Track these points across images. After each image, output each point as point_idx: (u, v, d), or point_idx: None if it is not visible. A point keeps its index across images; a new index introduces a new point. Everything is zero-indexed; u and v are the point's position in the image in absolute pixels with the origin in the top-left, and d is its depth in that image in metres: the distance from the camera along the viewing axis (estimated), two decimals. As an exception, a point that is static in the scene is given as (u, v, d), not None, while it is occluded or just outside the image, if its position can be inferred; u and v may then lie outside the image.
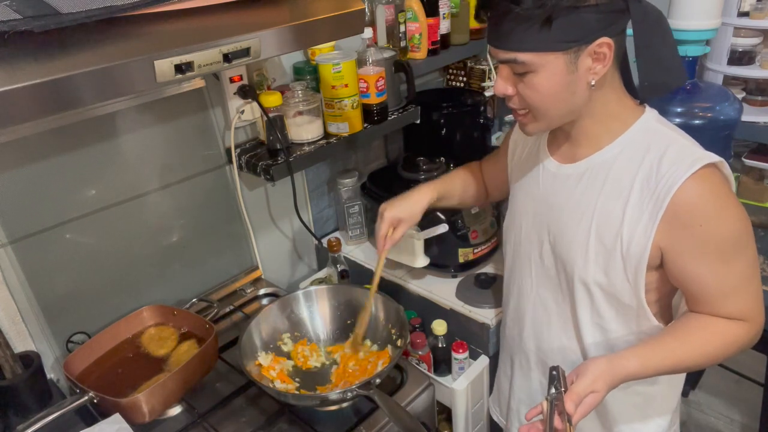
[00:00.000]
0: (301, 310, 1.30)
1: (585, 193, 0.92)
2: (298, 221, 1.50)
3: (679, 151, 0.84)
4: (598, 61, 0.82)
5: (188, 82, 1.23)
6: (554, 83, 0.83)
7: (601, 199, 0.89)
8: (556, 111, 0.88)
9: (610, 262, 0.90)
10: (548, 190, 0.99)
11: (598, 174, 0.90)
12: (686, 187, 0.81)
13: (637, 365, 0.86)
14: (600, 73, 0.83)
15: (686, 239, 0.84)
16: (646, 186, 0.85)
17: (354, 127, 1.40)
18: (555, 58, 0.81)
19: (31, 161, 1.10)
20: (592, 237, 0.90)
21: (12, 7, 0.66)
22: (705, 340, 0.88)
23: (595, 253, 0.91)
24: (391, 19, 1.55)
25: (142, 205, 1.29)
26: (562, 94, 0.85)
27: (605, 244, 0.89)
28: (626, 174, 0.87)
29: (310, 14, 0.96)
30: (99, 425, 0.99)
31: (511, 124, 1.96)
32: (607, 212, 0.89)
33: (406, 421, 0.98)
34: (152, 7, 0.76)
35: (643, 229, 0.85)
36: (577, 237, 0.93)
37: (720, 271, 0.86)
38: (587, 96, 0.86)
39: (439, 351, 1.35)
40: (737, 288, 0.87)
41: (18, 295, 1.15)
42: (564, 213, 0.95)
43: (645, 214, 0.85)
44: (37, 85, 0.68)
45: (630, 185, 0.86)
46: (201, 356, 1.13)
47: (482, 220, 1.44)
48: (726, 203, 0.84)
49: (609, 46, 0.80)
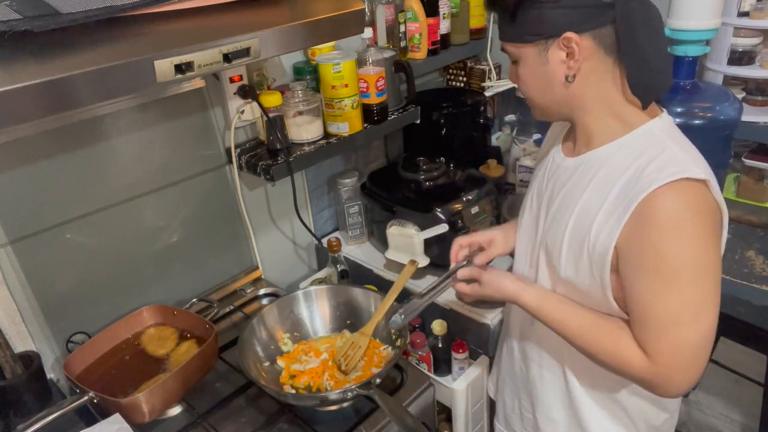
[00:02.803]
0: (301, 310, 1.30)
1: (574, 187, 0.92)
2: (298, 221, 1.50)
3: (668, 160, 0.81)
4: (570, 56, 0.83)
5: (188, 82, 1.23)
6: (530, 74, 0.88)
7: (584, 196, 0.89)
8: (540, 100, 0.91)
9: (579, 259, 0.89)
10: (549, 181, 0.99)
11: (588, 170, 0.90)
12: (657, 193, 0.78)
13: (531, 300, 0.95)
14: (574, 69, 0.84)
15: (636, 245, 0.81)
16: (625, 188, 0.83)
17: (354, 127, 1.40)
18: (527, 50, 0.86)
19: (31, 161, 1.10)
20: (568, 232, 0.90)
21: (12, 7, 0.66)
22: (600, 334, 0.87)
23: (567, 248, 0.91)
24: (391, 19, 1.55)
25: (142, 205, 1.29)
26: (539, 84, 0.89)
27: (576, 241, 0.89)
28: (612, 175, 0.86)
29: (310, 14, 0.96)
30: (99, 425, 0.99)
31: (511, 124, 1.96)
32: (585, 209, 0.88)
33: (407, 421, 0.98)
34: (152, 7, 0.76)
35: (609, 229, 0.83)
36: (558, 231, 0.93)
37: (648, 293, 0.81)
38: (569, 89, 0.87)
39: (439, 351, 1.35)
40: (659, 323, 0.81)
41: (18, 295, 1.15)
42: (554, 204, 0.96)
43: (615, 214, 0.83)
44: (37, 85, 0.68)
45: (612, 186, 0.85)
46: (201, 356, 1.13)
47: (482, 220, 1.44)
48: (690, 225, 0.78)
49: (576, 42, 0.81)
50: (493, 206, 1.47)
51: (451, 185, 1.50)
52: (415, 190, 1.51)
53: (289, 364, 1.20)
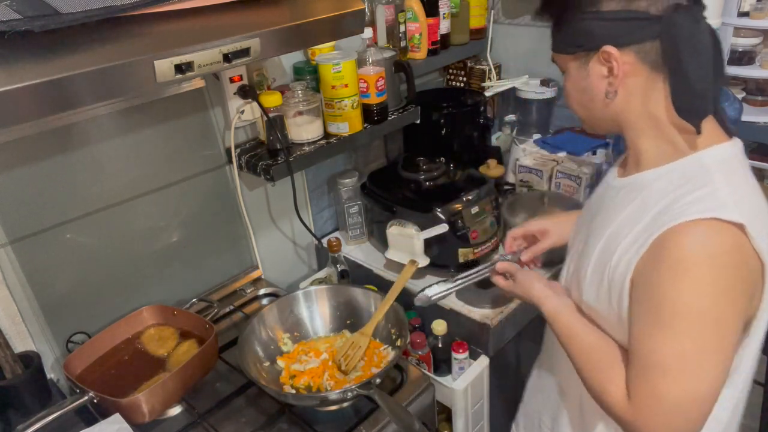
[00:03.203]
0: (301, 310, 1.30)
1: (613, 209, 0.86)
2: (298, 221, 1.50)
3: (705, 195, 0.73)
4: (610, 71, 0.78)
5: (188, 82, 1.23)
6: (573, 87, 0.85)
7: (618, 219, 0.83)
8: (583, 114, 0.88)
9: (600, 285, 0.84)
10: (598, 199, 0.95)
11: (629, 194, 0.84)
12: (679, 228, 0.72)
13: (553, 308, 0.93)
14: (615, 85, 0.79)
15: (645, 279, 0.75)
16: (656, 218, 0.76)
17: (354, 127, 1.40)
18: (569, 62, 0.83)
19: (31, 161, 1.10)
20: (595, 255, 0.86)
21: (12, 7, 0.66)
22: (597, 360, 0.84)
23: (592, 272, 0.86)
24: (391, 19, 1.55)
25: (142, 205, 1.29)
26: (581, 98, 0.85)
27: (600, 266, 0.84)
28: (650, 202, 0.79)
29: (310, 14, 0.96)
30: (99, 425, 0.99)
31: (511, 124, 1.96)
32: (615, 234, 0.82)
33: (406, 421, 0.98)
34: (152, 7, 0.76)
35: (628, 259, 0.78)
36: (589, 251, 0.88)
37: (643, 331, 0.76)
38: (612, 106, 0.81)
39: (439, 351, 1.35)
40: (645, 364, 0.75)
41: (18, 295, 1.15)
42: (593, 224, 0.91)
43: (636, 244, 0.77)
44: (37, 85, 0.69)
45: (646, 213, 0.78)
46: (201, 356, 1.13)
47: (482, 220, 1.44)
48: (703, 270, 0.70)
49: (615, 57, 0.76)
50: (493, 206, 1.47)
51: (451, 185, 1.50)
52: (415, 190, 1.51)
53: (289, 364, 1.20)
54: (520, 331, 1.43)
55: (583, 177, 1.58)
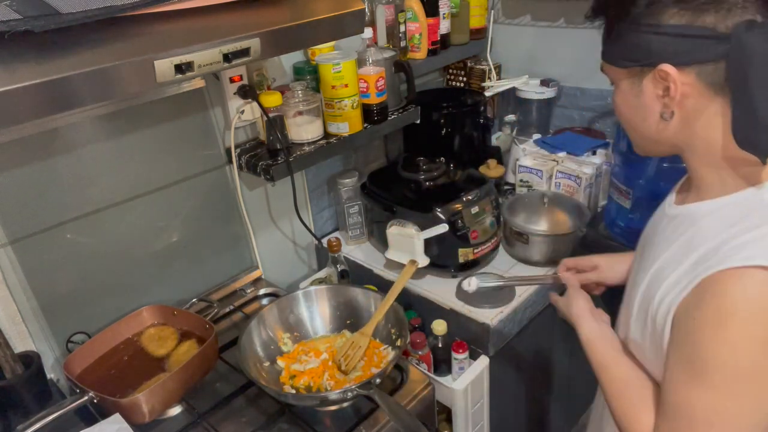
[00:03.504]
0: (301, 310, 1.30)
1: (663, 240, 0.80)
2: (298, 221, 1.50)
3: (758, 238, 0.66)
4: (666, 92, 0.71)
5: (188, 82, 1.23)
6: (624, 102, 0.77)
7: (666, 254, 0.77)
8: (633, 133, 0.80)
9: (645, 323, 0.78)
10: (653, 227, 0.88)
11: (682, 224, 0.78)
12: (725, 274, 0.65)
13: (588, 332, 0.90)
14: (670, 107, 0.71)
15: (684, 322, 0.70)
16: (704, 257, 0.70)
17: (354, 127, 1.40)
18: (621, 75, 0.75)
19: (31, 161, 1.10)
20: (641, 290, 0.80)
21: (12, 7, 0.66)
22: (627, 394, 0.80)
23: (638, 308, 0.80)
24: (391, 19, 1.55)
25: (142, 205, 1.29)
26: (631, 116, 0.77)
27: (645, 303, 0.78)
28: (699, 238, 0.73)
29: (310, 14, 0.96)
30: (99, 425, 0.99)
31: (511, 124, 1.96)
32: (661, 269, 0.76)
33: (406, 421, 0.98)
34: (152, 7, 0.76)
35: (671, 300, 0.72)
36: (636, 285, 0.82)
37: (675, 377, 0.71)
38: (668, 128, 0.74)
39: (439, 351, 1.35)
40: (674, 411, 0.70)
41: (18, 295, 1.15)
42: (644, 255, 0.85)
43: (680, 285, 0.71)
44: (37, 85, 0.69)
45: (694, 250, 0.72)
46: (201, 356, 1.13)
47: (482, 220, 1.44)
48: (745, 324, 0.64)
49: (674, 77, 0.68)
50: (493, 206, 1.47)
51: (451, 185, 1.50)
52: (415, 190, 1.51)
53: (289, 364, 1.20)
54: (520, 331, 1.43)
55: (583, 177, 1.58)
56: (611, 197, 1.57)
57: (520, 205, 1.53)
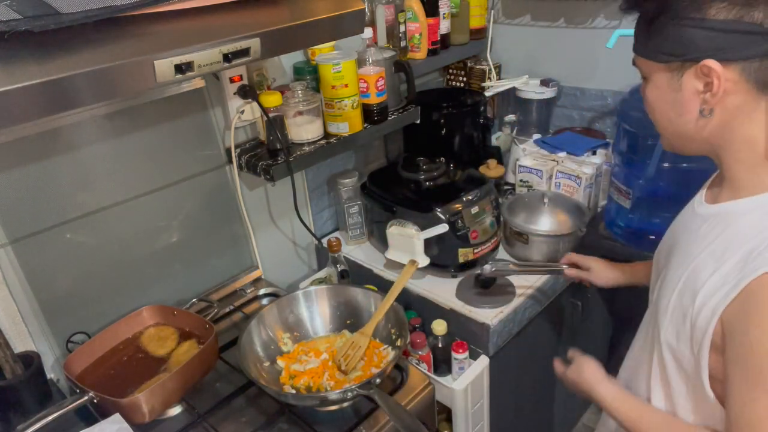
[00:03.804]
0: (301, 310, 1.30)
1: (697, 240, 0.78)
2: (298, 221, 1.50)
3: None
4: (708, 88, 0.69)
5: (188, 82, 1.24)
6: (658, 97, 0.76)
7: (703, 254, 0.75)
8: (666, 130, 0.79)
9: (682, 327, 0.76)
10: (681, 227, 0.87)
11: (717, 225, 0.76)
12: None
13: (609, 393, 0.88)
14: (711, 103, 0.70)
15: (737, 330, 0.68)
16: (746, 258, 0.69)
17: (354, 127, 1.40)
18: (658, 70, 0.74)
19: (31, 161, 1.10)
20: (676, 293, 0.78)
21: (12, 7, 0.66)
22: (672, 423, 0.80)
23: (672, 311, 0.78)
24: (391, 19, 1.55)
25: (142, 205, 1.29)
26: (667, 112, 0.76)
27: (682, 306, 0.76)
28: (738, 237, 0.72)
29: (310, 14, 0.96)
30: (99, 425, 0.99)
31: (511, 124, 1.96)
32: (698, 271, 0.75)
33: (406, 421, 0.98)
34: (152, 7, 0.76)
35: (715, 303, 0.71)
36: (669, 288, 0.80)
37: (738, 392, 0.69)
38: (705, 125, 0.73)
39: (439, 351, 1.35)
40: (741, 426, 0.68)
41: (18, 295, 1.15)
42: (675, 255, 0.83)
43: (725, 287, 0.70)
44: (37, 85, 0.69)
45: (734, 251, 0.71)
46: (201, 356, 1.13)
47: (482, 220, 1.44)
48: None
49: (717, 73, 0.67)
50: (493, 206, 1.47)
51: (451, 185, 1.50)
52: (415, 190, 1.51)
53: (289, 364, 1.20)
54: (520, 331, 1.43)
55: (583, 177, 1.58)
56: (611, 197, 1.57)
57: (520, 205, 1.53)
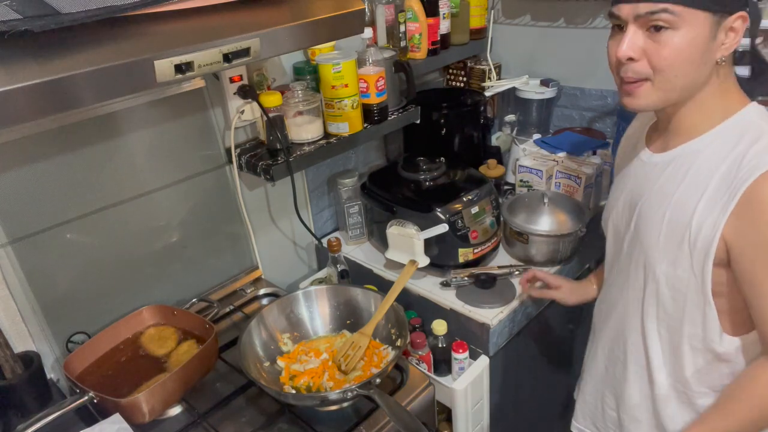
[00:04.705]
0: (301, 310, 1.30)
1: (666, 183, 0.89)
2: (298, 221, 1.50)
3: None
4: (732, 32, 0.79)
5: (188, 82, 1.23)
6: (692, 45, 0.79)
7: (680, 189, 0.86)
8: (681, 79, 0.82)
9: (679, 253, 0.86)
10: (638, 180, 0.96)
11: (682, 165, 0.87)
12: (764, 178, 0.76)
13: None
14: (730, 49, 0.80)
15: (751, 235, 0.79)
16: (726, 178, 0.80)
17: (354, 127, 1.40)
18: (704, 18, 0.78)
19: (31, 161, 1.10)
20: (665, 227, 0.88)
21: (12, 7, 0.66)
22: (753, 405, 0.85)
23: (664, 243, 0.88)
24: (391, 19, 1.55)
25: (142, 205, 1.29)
26: (695, 59, 0.80)
27: (675, 235, 0.86)
28: (709, 166, 0.83)
29: (310, 14, 0.96)
30: (99, 425, 0.99)
31: (511, 124, 1.96)
32: (682, 202, 0.85)
33: (406, 421, 0.98)
34: (152, 7, 0.76)
35: (713, 221, 0.81)
36: (653, 226, 0.90)
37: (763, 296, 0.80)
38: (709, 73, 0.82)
39: (439, 351, 1.35)
40: None
41: (18, 295, 1.15)
42: (645, 202, 0.93)
43: (718, 205, 0.81)
44: (37, 85, 0.68)
45: (710, 177, 0.82)
46: (201, 356, 1.13)
47: (482, 220, 1.44)
48: None
49: (744, 21, 0.78)
50: (493, 206, 1.47)
51: (451, 185, 1.50)
52: (415, 190, 1.51)
53: (289, 364, 1.20)
54: (520, 331, 1.43)
55: (583, 177, 1.58)
56: (611, 197, 1.57)
57: (520, 205, 1.53)
